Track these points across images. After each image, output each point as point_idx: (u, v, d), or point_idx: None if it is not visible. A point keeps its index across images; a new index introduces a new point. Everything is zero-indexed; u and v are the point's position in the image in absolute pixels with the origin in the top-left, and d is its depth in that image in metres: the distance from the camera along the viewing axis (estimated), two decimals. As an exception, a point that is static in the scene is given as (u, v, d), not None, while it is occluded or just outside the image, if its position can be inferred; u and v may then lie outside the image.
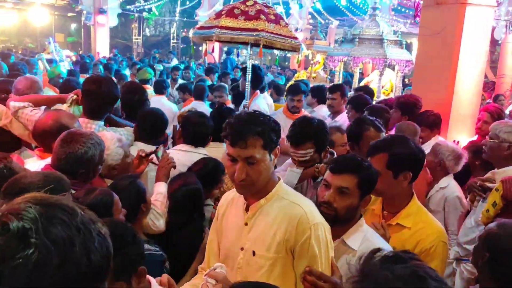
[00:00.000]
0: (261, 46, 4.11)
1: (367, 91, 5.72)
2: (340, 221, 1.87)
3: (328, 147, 2.59)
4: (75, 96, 2.84)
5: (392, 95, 7.56)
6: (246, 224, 1.76)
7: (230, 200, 1.90)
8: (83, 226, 0.75)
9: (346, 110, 4.60)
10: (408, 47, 8.42)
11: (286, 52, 4.94)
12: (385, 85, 7.95)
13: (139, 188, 2.31)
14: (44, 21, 27.34)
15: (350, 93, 5.77)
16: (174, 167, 2.69)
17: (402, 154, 2.07)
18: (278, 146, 1.73)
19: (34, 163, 2.35)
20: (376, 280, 0.94)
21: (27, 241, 0.68)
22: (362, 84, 8.26)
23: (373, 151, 2.13)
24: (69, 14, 27.26)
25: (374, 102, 5.35)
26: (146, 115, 3.14)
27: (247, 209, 1.77)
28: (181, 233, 2.47)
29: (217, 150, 3.18)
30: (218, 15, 4.34)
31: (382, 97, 7.23)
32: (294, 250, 1.69)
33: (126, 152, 2.56)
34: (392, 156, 2.05)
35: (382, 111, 3.95)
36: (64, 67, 7.73)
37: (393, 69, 7.84)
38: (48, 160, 2.24)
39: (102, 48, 16.95)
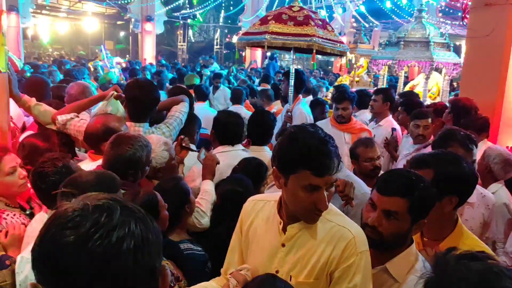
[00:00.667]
0: (314, 51, 4.10)
1: (414, 96, 5.57)
2: (386, 247, 1.66)
3: None
4: (115, 93, 2.96)
5: (438, 99, 7.36)
6: (283, 245, 1.61)
7: (259, 210, 1.74)
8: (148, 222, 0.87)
9: (397, 112, 4.56)
10: (457, 50, 8.15)
11: (328, 56, 4.86)
12: (432, 88, 7.75)
13: (183, 190, 2.35)
14: (95, 29, 28.63)
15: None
16: (218, 163, 2.73)
17: (452, 174, 1.80)
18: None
19: (87, 164, 2.49)
20: (451, 275, 0.95)
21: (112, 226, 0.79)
22: (407, 88, 8.08)
23: (418, 165, 1.87)
24: (118, 22, 28.30)
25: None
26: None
27: (284, 229, 1.61)
28: (223, 233, 2.45)
29: (259, 154, 3.19)
30: (264, 21, 4.35)
31: (429, 101, 7.06)
32: (332, 275, 1.55)
33: (171, 154, 2.64)
34: (439, 174, 1.79)
35: (392, 96, 3.98)
36: (114, 73, 8.07)
37: (440, 72, 7.62)
38: (99, 162, 2.37)
39: (148, 54, 17.50)
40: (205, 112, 5.22)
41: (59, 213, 0.82)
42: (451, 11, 14.06)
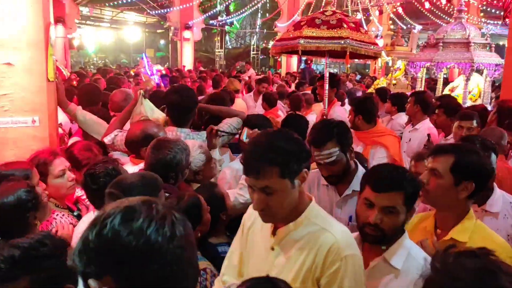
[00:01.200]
0: (347, 53, 4.11)
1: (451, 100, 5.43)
2: (387, 241, 1.72)
3: (352, 146, 2.38)
4: (141, 91, 3.12)
5: (479, 101, 7.15)
6: (272, 248, 1.62)
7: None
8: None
9: (435, 115, 4.47)
10: (500, 50, 7.87)
11: (362, 59, 4.83)
12: (472, 90, 7.53)
13: (218, 198, 2.39)
14: (136, 38, 29.58)
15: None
16: None
17: (471, 161, 1.87)
18: (305, 170, 1.56)
19: (129, 168, 2.63)
20: (447, 273, 0.95)
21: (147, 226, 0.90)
22: (446, 90, 7.90)
23: (439, 151, 1.93)
24: (158, 31, 29.09)
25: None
26: (290, 120, 3.33)
27: (274, 233, 1.62)
28: None
29: None
30: (297, 26, 4.38)
31: (469, 103, 6.88)
32: (319, 282, 1.53)
33: (207, 156, 2.74)
34: (460, 160, 1.86)
35: (426, 98, 3.88)
36: (155, 81, 8.35)
37: (481, 73, 7.41)
38: (141, 166, 2.50)
39: (187, 61, 17.91)
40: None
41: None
42: (493, 10, 13.59)
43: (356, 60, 5.61)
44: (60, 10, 14.35)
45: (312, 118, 5.13)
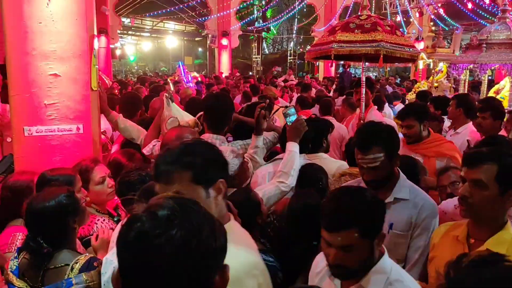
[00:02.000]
0: (381, 56, 4.05)
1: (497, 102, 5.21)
2: (358, 273, 1.60)
3: (398, 154, 2.27)
4: (166, 95, 3.18)
5: (527, 103, 6.83)
6: None
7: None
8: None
9: (478, 119, 4.28)
10: (549, 50, 7.50)
11: (399, 62, 4.70)
12: (519, 92, 7.21)
13: (254, 202, 2.37)
14: (175, 46, 30.34)
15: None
16: (307, 130, 2.74)
17: None
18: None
19: None
20: (462, 284, 0.92)
21: (171, 224, 0.90)
22: (491, 92, 7.60)
23: (479, 159, 1.78)
24: (196, 39, 29.66)
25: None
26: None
27: None
28: (293, 249, 2.37)
29: (316, 161, 3.10)
30: (332, 31, 4.36)
31: (516, 105, 6.58)
32: None
33: (240, 160, 2.76)
34: (504, 167, 1.73)
35: (469, 99, 3.71)
36: (191, 88, 8.53)
37: (528, 74, 7.08)
38: None
39: (224, 68, 18.14)
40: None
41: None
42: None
43: (396, 63, 5.48)
44: (103, 21, 14.89)
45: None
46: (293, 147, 2.69)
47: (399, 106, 7.10)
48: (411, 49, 4.22)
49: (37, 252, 1.82)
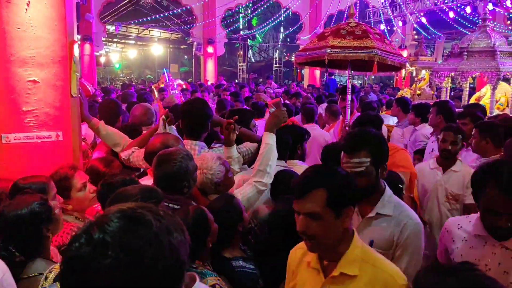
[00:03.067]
0: (375, 63, 4.07)
1: (479, 109, 5.30)
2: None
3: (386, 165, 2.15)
4: (164, 117, 3.16)
5: (507, 110, 6.97)
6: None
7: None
8: (156, 239, 0.89)
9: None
10: (529, 58, 7.66)
11: (384, 71, 4.75)
12: (500, 99, 7.35)
13: (235, 209, 2.35)
14: (161, 54, 30.23)
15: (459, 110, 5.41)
16: (286, 121, 2.73)
17: (343, 188, 1.63)
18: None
19: (148, 181, 2.65)
20: None
21: (105, 252, 0.84)
22: (472, 99, 7.74)
23: (307, 188, 1.63)
24: (182, 46, 29.61)
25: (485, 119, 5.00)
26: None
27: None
28: (275, 257, 2.28)
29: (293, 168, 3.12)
30: (322, 37, 4.36)
31: (496, 112, 6.70)
32: None
33: (227, 167, 2.74)
34: (332, 189, 1.60)
35: (497, 127, 3.65)
36: (176, 95, 8.49)
37: (509, 82, 7.23)
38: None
39: (209, 76, 18.14)
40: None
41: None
42: (520, 17, 13.32)
43: (381, 72, 5.53)
44: (87, 29, 14.81)
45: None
46: (269, 139, 2.68)
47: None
48: (400, 58, 4.27)
49: (10, 261, 1.78)
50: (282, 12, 17.69)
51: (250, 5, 19.17)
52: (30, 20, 2.79)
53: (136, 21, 18.12)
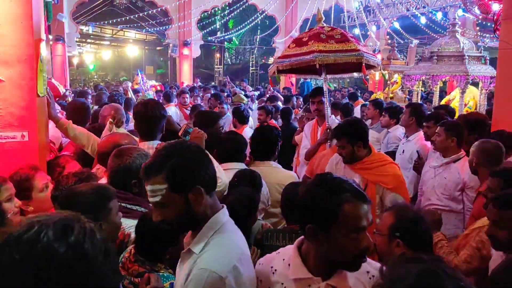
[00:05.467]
0: (363, 64, 4.13)
1: (448, 110, 5.45)
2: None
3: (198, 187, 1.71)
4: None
5: (476, 114, 7.16)
6: None
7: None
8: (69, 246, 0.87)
9: (424, 127, 4.41)
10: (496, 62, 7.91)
11: (352, 73, 4.84)
12: (468, 103, 7.56)
13: None
14: (136, 55, 29.91)
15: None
16: (206, 137, 2.72)
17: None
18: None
19: (103, 181, 2.60)
20: (391, 278, 0.98)
21: (13, 267, 0.84)
22: (442, 102, 7.93)
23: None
24: (158, 48, 29.39)
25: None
26: (225, 139, 3.28)
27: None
28: None
29: (264, 168, 3.21)
30: (300, 42, 4.33)
31: (465, 116, 6.88)
32: None
33: None
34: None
35: (462, 128, 3.73)
36: (148, 95, 8.41)
37: (478, 86, 7.44)
38: None
39: (185, 77, 18.02)
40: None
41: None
42: (488, 24, 13.71)
43: (355, 74, 5.64)
44: (59, 28, 14.50)
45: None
46: None
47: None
48: (355, 53, 4.26)
49: None
50: (258, 14, 17.75)
51: (227, 7, 19.17)
52: (-6, 18, 2.72)
53: (111, 22, 17.84)
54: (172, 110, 7.42)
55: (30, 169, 2.49)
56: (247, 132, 5.31)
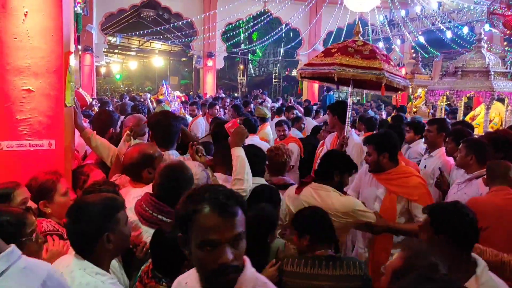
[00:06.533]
0: (383, 84, 4.06)
1: (466, 125, 5.35)
2: None
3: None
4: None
5: (501, 130, 7.02)
6: None
7: None
8: None
9: (446, 143, 4.36)
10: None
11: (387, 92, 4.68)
12: (494, 119, 7.42)
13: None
14: (161, 66, 30.45)
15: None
16: (247, 136, 2.82)
17: None
18: None
19: (132, 191, 2.66)
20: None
21: None
22: (467, 118, 7.81)
23: None
24: (182, 59, 29.83)
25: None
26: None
27: None
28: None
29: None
30: (328, 53, 4.35)
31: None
32: None
33: (207, 174, 2.78)
34: None
35: (483, 145, 3.68)
36: (174, 106, 8.58)
37: (503, 102, 7.30)
38: (146, 189, 2.52)
39: (209, 88, 18.24)
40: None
41: None
42: (516, 39, 13.46)
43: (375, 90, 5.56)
44: (88, 39, 14.93)
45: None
46: (238, 151, 2.73)
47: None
48: (404, 81, 4.28)
49: None
50: (283, 27, 17.88)
51: (251, 20, 19.39)
52: (27, 30, 2.84)
53: (138, 33, 18.26)
54: (199, 121, 7.75)
55: (55, 173, 2.59)
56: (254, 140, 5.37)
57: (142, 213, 2.30)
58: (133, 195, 2.50)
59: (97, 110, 5.83)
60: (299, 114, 8.17)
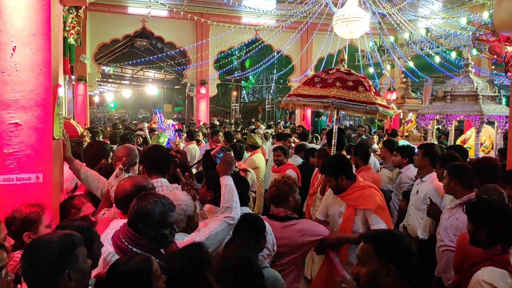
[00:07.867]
0: (333, 111, 4.37)
1: (459, 150, 5.38)
2: None
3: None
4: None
5: (492, 153, 7.07)
6: None
7: None
8: None
9: (436, 169, 4.37)
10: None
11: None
12: (484, 142, 7.48)
13: (207, 259, 2.23)
14: (155, 94, 30.64)
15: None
16: (235, 163, 2.85)
17: None
18: None
19: (119, 222, 2.59)
20: None
21: None
22: (458, 141, 7.86)
23: None
24: (176, 87, 30.08)
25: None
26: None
27: None
28: None
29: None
30: (314, 83, 4.58)
31: (482, 155, 6.79)
32: None
33: (194, 203, 2.75)
34: None
35: (465, 169, 3.72)
36: (170, 134, 8.62)
37: (493, 125, 7.38)
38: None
39: (202, 115, 18.32)
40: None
41: None
42: (503, 64, 13.67)
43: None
44: (81, 69, 15.03)
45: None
46: (227, 180, 2.73)
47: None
48: (368, 106, 4.26)
49: None
50: (275, 54, 18.13)
51: (243, 47, 19.64)
52: (15, 65, 2.85)
53: (131, 63, 18.42)
54: (192, 147, 8.15)
55: (38, 205, 2.57)
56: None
57: (118, 244, 2.21)
58: (114, 226, 2.45)
59: (89, 141, 5.81)
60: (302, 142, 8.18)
